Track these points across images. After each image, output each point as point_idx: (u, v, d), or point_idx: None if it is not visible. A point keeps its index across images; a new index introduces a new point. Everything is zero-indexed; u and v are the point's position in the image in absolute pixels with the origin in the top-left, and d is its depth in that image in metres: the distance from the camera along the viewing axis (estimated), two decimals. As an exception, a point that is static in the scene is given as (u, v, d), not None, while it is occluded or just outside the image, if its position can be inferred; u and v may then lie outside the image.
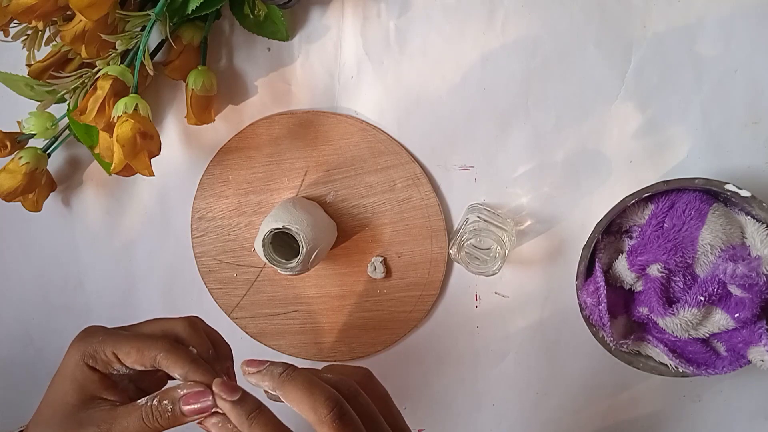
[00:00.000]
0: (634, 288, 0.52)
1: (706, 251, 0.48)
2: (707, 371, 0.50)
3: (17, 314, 0.68)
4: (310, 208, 0.55)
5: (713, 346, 0.52)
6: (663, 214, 0.50)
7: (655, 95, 0.52)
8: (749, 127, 0.52)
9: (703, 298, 0.49)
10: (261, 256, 0.53)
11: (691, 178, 0.48)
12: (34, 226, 0.65)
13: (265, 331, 0.61)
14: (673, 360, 0.50)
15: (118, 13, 0.50)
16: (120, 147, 0.49)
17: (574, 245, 0.55)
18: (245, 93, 0.59)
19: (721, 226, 0.48)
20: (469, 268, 0.52)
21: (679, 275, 0.50)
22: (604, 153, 0.54)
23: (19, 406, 0.70)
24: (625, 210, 0.51)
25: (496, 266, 0.52)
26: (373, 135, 0.56)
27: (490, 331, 0.58)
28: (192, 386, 0.40)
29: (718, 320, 0.49)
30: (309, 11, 0.56)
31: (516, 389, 0.59)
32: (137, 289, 0.64)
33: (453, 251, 0.52)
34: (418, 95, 0.56)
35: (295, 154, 0.58)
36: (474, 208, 0.54)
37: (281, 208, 0.54)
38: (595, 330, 0.52)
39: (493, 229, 0.51)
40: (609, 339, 0.51)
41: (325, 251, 0.55)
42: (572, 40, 0.53)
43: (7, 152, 0.57)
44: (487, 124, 0.55)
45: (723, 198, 0.50)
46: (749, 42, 0.51)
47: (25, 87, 0.57)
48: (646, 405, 0.57)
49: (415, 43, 0.55)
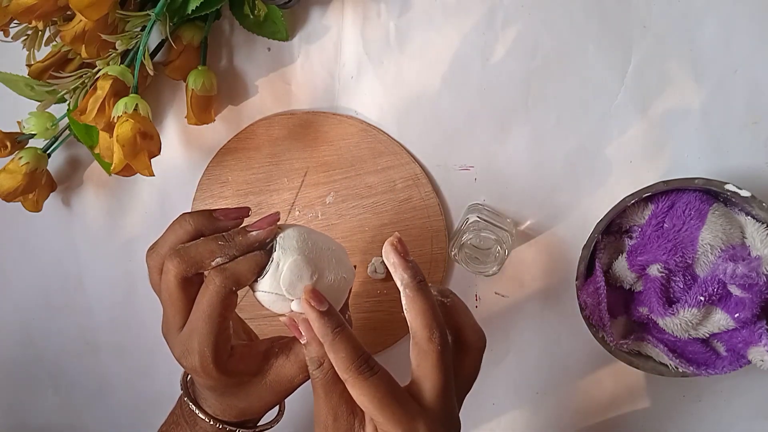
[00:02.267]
0: (634, 288, 0.52)
1: (706, 251, 0.48)
2: (707, 371, 0.50)
3: (17, 314, 0.68)
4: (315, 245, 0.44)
5: (713, 346, 0.52)
6: (663, 214, 0.50)
7: (655, 95, 0.52)
8: (749, 127, 0.52)
9: (703, 298, 0.49)
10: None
11: (691, 178, 0.48)
12: (34, 226, 0.65)
13: (265, 332, 0.61)
14: (673, 360, 0.50)
15: (118, 13, 0.50)
16: (120, 147, 0.49)
17: (574, 245, 0.55)
18: (245, 93, 0.59)
19: (721, 226, 0.48)
20: (469, 268, 0.52)
21: (679, 275, 0.50)
22: (604, 153, 0.54)
23: (19, 406, 0.70)
24: (625, 210, 0.51)
25: (496, 266, 0.52)
26: (373, 135, 0.56)
27: (490, 331, 0.58)
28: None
29: (718, 320, 0.49)
30: (309, 11, 0.56)
31: (516, 389, 0.59)
32: (137, 289, 0.64)
33: (453, 251, 0.52)
34: (418, 95, 0.56)
35: (295, 155, 0.58)
36: (474, 208, 0.54)
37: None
38: (595, 330, 0.52)
39: (494, 229, 0.51)
40: (609, 339, 0.51)
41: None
42: (572, 40, 0.53)
43: (7, 152, 0.57)
44: (487, 124, 0.55)
45: (723, 198, 0.50)
46: (749, 42, 0.51)
47: (25, 87, 0.57)
48: (646, 405, 0.57)
49: (415, 43, 0.55)
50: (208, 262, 0.41)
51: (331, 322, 0.38)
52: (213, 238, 0.41)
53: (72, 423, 0.68)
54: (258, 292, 0.42)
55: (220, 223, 0.43)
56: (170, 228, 0.43)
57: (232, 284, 0.40)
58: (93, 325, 0.66)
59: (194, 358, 0.41)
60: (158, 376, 0.64)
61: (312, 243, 0.42)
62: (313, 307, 0.39)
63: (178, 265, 0.40)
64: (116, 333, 0.65)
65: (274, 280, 0.41)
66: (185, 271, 0.40)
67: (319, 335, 0.38)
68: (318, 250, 0.43)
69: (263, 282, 0.41)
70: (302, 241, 0.42)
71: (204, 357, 0.41)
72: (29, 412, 0.70)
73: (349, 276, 0.44)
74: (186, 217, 0.43)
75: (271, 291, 0.41)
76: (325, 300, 0.39)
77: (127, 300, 0.64)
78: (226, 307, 0.40)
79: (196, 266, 0.41)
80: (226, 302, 0.40)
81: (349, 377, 0.37)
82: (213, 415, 0.45)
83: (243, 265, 0.40)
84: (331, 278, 0.42)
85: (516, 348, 0.58)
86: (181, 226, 0.42)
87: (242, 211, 0.44)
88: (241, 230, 0.42)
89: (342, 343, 0.38)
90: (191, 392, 0.46)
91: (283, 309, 0.42)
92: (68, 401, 0.68)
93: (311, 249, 0.42)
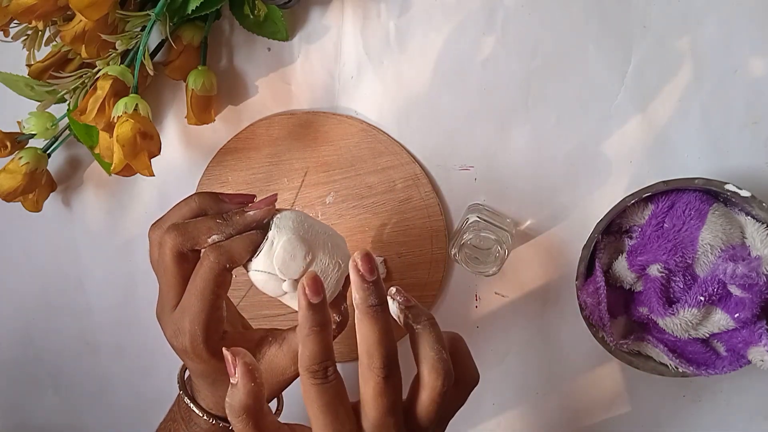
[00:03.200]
0: (634, 288, 0.52)
1: (706, 251, 0.48)
2: (707, 371, 0.50)
3: (17, 314, 0.68)
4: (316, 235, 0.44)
5: (713, 346, 0.52)
6: (663, 214, 0.50)
7: (655, 95, 0.52)
8: (749, 127, 0.52)
9: (703, 298, 0.49)
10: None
11: (691, 178, 0.48)
12: (34, 226, 0.65)
13: (265, 331, 0.61)
14: (673, 360, 0.50)
15: (118, 13, 0.50)
16: (120, 147, 0.49)
17: (574, 245, 0.55)
18: (245, 93, 0.59)
19: (721, 226, 0.48)
20: (469, 269, 0.52)
21: (679, 275, 0.50)
22: (604, 153, 0.54)
23: (19, 406, 0.70)
24: (625, 210, 0.51)
25: (496, 266, 0.52)
26: (373, 135, 0.56)
27: (490, 331, 0.58)
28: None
29: (718, 320, 0.49)
30: (309, 11, 0.56)
31: (516, 389, 0.59)
32: (137, 289, 0.64)
33: (453, 251, 0.52)
34: (418, 95, 0.56)
35: (295, 155, 0.58)
36: (474, 208, 0.54)
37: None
38: (595, 330, 0.52)
39: (494, 229, 0.51)
40: (609, 339, 0.51)
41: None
42: (572, 40, 0.53)
43: (7, 152, 0.57)
44: (487, 124, 0.55)
45: (723, 198, 0.50)
46: (749, 42, 0.51)
47: (25, 87, 0.57)
48: (646, 405, 0.57)
49: (415, 43, 0.55)
50: (205, 238, 0.41)
51: (314, 318, 0.37)
52: (212, 216, 0.42)
53: (72, 423, 0.68)
54: (252, 272, 0.42)
55: (224, 205, 0.43)
56: (176, 206, 0.44)
57: (226, 261, 0.40)
58: (93, 325, 0.66)
59: (185, 338, 0.41)
60: (158, 376, 0.64)
61: (308, 225, 0.43)
62: (305, 294, 0.37)
63: (175, 238, 0.41)
64: (116, 333, 0.65)
65: (267, 259, 0.41)
66: (181, 244, 0.41)
67: (299, 323, 0.38)
68: (314, 233, 0.43)
69: (257, 261, 0.42)
70: (298, 222, 0.42)
71: (194, 336, 0.40)
72: (29, 412, 0.70)
73: (345, 263, 0.43)
74: (193, 196, 0.43)
75: (264, 270, 0.42)
76: (320, 293, 0.37)
77: (127, 300, 0.64)
78: (219, 284, 0.40)
79: (192, 241, 0.41)
80: (219, 279, 0.40)
81: (303, 376, 0.37)
82: (207, 409, 0.45)
83: (238, 243, 0.41)
84: (325, 262, 0.42)
85: (516, 348, 0.58)
86: (186, 203, 0.43)
87: (247, 197, 0.44)
88: (239, 210, 0.42)
89: (312, 343, 0.37)
90: (188, 388, 0.47)
91: (275, 290, 0.42)
92: (68, 401, 0.68)
93: (306, 230, 0.42)
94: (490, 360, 0.59)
